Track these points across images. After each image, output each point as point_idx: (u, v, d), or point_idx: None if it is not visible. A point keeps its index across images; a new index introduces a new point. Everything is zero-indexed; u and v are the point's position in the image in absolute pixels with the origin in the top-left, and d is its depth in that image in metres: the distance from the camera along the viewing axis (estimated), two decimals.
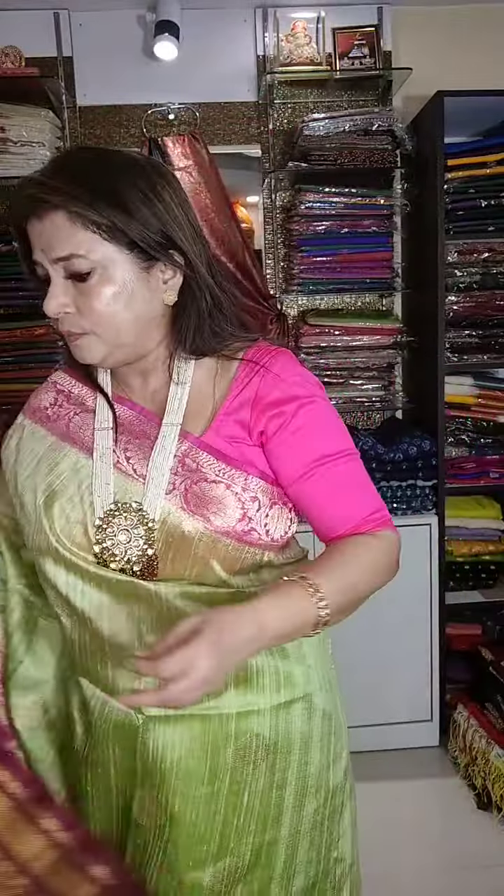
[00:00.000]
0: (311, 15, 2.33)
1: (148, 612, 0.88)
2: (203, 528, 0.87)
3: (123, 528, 0.88)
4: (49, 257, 0.84)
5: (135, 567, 0.89)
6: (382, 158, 2.24)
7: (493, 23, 2.42)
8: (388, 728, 2.22)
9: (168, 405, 0.92)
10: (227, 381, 0.93)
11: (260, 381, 0.91)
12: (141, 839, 0.92)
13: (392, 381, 2.42)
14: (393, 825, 1.97)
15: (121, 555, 0.88)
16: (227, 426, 0.91)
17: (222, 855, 0.91)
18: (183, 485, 0.89)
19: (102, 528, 0.89)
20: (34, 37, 2.29)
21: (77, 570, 0.89)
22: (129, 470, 0.91)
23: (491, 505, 2.42)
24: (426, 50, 2.39)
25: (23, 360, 2.20)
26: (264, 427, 0.90)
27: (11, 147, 2.13)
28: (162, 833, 0.90)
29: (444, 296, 2.20)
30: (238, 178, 2.43)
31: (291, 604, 0.81)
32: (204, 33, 2.36)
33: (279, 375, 0.91)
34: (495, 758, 1.98)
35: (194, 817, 0.90)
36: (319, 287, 2.33)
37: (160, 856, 0.90)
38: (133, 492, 0.90)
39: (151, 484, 0.89)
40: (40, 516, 0.90)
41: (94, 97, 2.37)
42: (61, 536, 0.89)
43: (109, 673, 0.90)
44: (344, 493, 0.93)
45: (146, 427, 0.93)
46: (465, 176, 2.17)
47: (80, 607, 0.89)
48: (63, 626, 0.93)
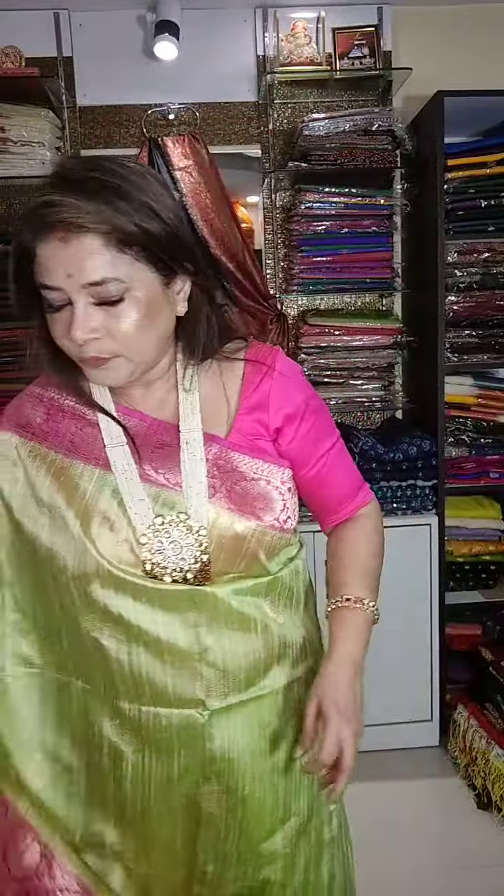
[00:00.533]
0: (311, 15, 2.33)
1: (204, 616, 0.90)
2: (255, 526, 0.92)
3: (172, 539, 0.89)
4: (79, 282, 0.80)
5: (188, 575, 0.91)
6: (382, 158, 2.24)
7: (493, 23, 2.42)
8: (388, 728, 2.22)
9: (182, 412, 0.93)
10: (236, 382, 0.96)
11: (270, 381, 0.95)
12: (213, 828, 0.97)
13: (392, 381, 2.42)
14: (393, 825, 1.97)
15: (172, 566, 0.90)
16: (247, 425, 0.94)
17: (287, 817, 1.00)
18: (223, 487, 0.91)
19: (148, 542, 0.89)
20: (34, 37, 2.29)
21: (130, 587, 0.89)
22: (161, 480, 0.91)
23: (491, 505, 2.42)
24: (426, 50, 2.39)
25: (23, 360, 2.19)
26: (280, 424, 0.95)
27: (11, 147, 2.13)
28: (234, 815, 0.96)
29: (444, 296, 2.20)
30: (238, 178, 2.43)
31: (358, 626, 0.97)
32: (204, 33, 2.36)
33: (285, 375, 0.96)
34: (495, 758, 1.98)
35: (262, 792, 0.97)
36: (319, 287, 2.33)
37: (236, 835, 0.97)
38: (172, 502, 0.90)
39: (191, 491, 0.90)
40: (82, 539, 0.88)
41: (94, 97, 2.37)
42: (109, 557, 0.88)
43: (169, 681, 0.91)
44: (340, 477, 1.03)
45: (163, 436, 0.93)
46: (465, 176, 2.17)
47: (134, 624, 0.89)
48: (105, 648, 0.91)
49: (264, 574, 0.95)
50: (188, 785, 0.95)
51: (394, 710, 2.23)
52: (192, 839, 0.97)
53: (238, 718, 0.94)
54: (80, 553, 0.89)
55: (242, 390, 0.95)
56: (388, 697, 2.19)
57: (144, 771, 0.95)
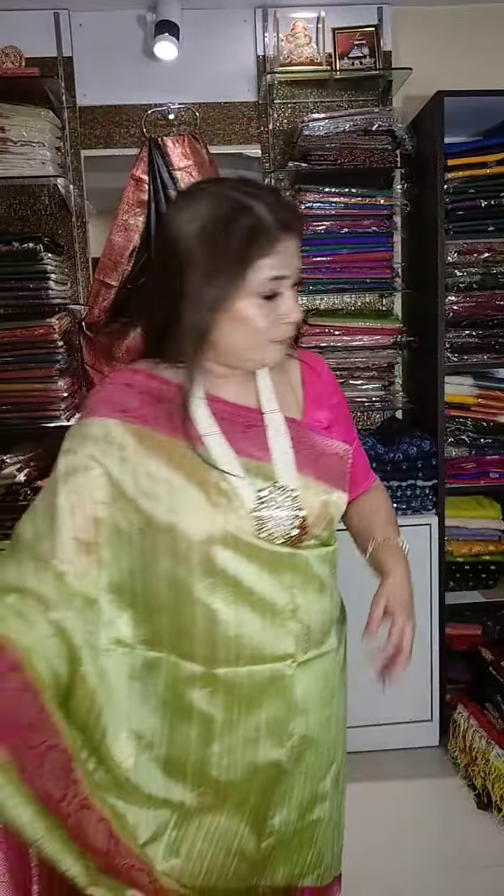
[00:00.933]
0: (311, 15, 2.33)
1: (297, 579, 1.04)
2: (336, 497, 1.08)
3: (276, 506, 1.02)
4: (295, 274, 0.99)
5: (286, 539, 1.03)
6: (382, 158, 2.24)
7: (493, 23, 2.42)
8: (388, 728, 2.22)
9: (262, 398, 1.08)
10: (297, 377, 1.14)
11: (319, 379, 1.16)
12: (287, 780, 1.09)
13: (392, 381, 2.42)
14: (393, 825, 1.97)
15: (276, 531, 1.02)
16: (312, 412, 1.12)
17: (332, 760, 1.16)
18: (306, 460, 1.06)
19: (256, 510, 1.01)
20: (34, 37, 2.29)
21: (248, 550, 1.00)
22: (255, 454, 1.03)
23: (491, 505, 2.42)
24: (426, 50, 2.39)
25: (23, 360, 2.20)
26: (332, 413, 1.16)
27: (11, 147, 2.13)
28: (301, 762, 1.09)
29: (444, 296, 2.20)
30: None
31: (401, 556, 1.16)
32: (204, 33, 2.36)
33: (330, 377, 1.19)
34: (495, 758, 1.98)
35: (324, 739, 1.12)
36: (319, 287, 2.33)
37: (302, 783, 1.11)
38: (267, 473, 1.03)
39: (281, 463, 1.04)
40: (206, 506, 0.98)
41: (94, 97, 2.37)
42: (231, 522, 0.99)
43: (267, 638, 1.03)
44: (361, 459, 1.25)
45: (248, 418, 1.06)
46: (465, 176, 2.17)
47: (247, 586, 1.00)
48: (216, 612, 1.00)
49: (332, 543, 1.11)
50: (271, 738, 1.05)
51: (394, 710, 2.23)
52: (268, 794, 1.08)
53: (313, 671, 1.08)
54: (205, 520, 0.98)
55: (304, 384, 1.14)
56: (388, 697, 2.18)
57: (233, 731, 1.03)
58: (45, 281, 2.18)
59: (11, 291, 2.19)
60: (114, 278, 2.41)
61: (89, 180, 2.41)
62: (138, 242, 2.40)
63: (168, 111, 2.39)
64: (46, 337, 2.18)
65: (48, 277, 2.18)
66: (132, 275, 2.41)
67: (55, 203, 2.41)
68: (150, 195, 2.37)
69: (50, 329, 2.18)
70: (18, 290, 2.19)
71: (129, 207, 2.39)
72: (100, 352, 2.46)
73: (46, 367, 2.20)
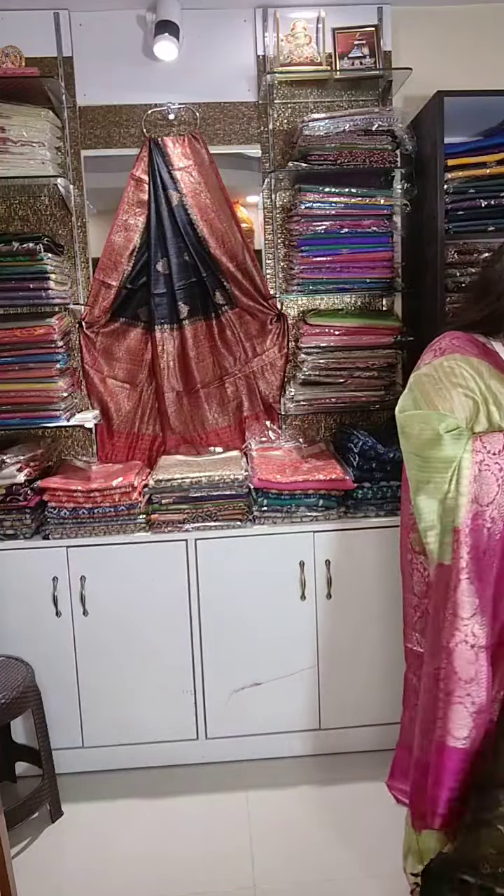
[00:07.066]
0: (311, 15, 2.34)
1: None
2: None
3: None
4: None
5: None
6: (382, 158, 2.24)
7: (492, 23, 2.43)
8: (388, 728, 2.22)
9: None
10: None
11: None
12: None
13: (392, 381, 2.42)
14: (395, 825, 1.97)
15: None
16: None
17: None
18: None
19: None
20: (34, 37, 2.29)
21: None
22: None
23: None
24: (426, 50, 2.40)
25: (23, 360, 2.20)
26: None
27: (11, 147, 2.14)
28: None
29: (444, 296, 2.20)
30: (238, 178, 2.43)
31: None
32: (204, 33, 2.36)
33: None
34: None
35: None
36: (319, 287, 2.33)
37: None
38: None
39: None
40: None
41: (94, 97, 2.37)
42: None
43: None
44: None
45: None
46: (465, 176, 2.17)
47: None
48: None
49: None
50: None
51: (394, 710, 2.23)
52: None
53: None
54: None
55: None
56: (388, 697, 2.19)
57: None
58: (45, 281, 2.18)
59: (11, 291, 2.20)
60: (114, 278, 2.41)
61: (89, 180, 2.41)
62: (138, 242, 2.40)
63: (168, 111, 2.39)
64: (46, 337, 2.19)
65: (48, 277, 2.19)
66: (132, 275, 2.42)
67: (55, 203, 2.41)
68: (149, 195, 2.38)
69: (50, 329, 2.18)
70: (18, 290, 2.19)
71: (129, 207, 2.39)
72: (100, 352, 2.46)
73: (46, 367, 2.20)
